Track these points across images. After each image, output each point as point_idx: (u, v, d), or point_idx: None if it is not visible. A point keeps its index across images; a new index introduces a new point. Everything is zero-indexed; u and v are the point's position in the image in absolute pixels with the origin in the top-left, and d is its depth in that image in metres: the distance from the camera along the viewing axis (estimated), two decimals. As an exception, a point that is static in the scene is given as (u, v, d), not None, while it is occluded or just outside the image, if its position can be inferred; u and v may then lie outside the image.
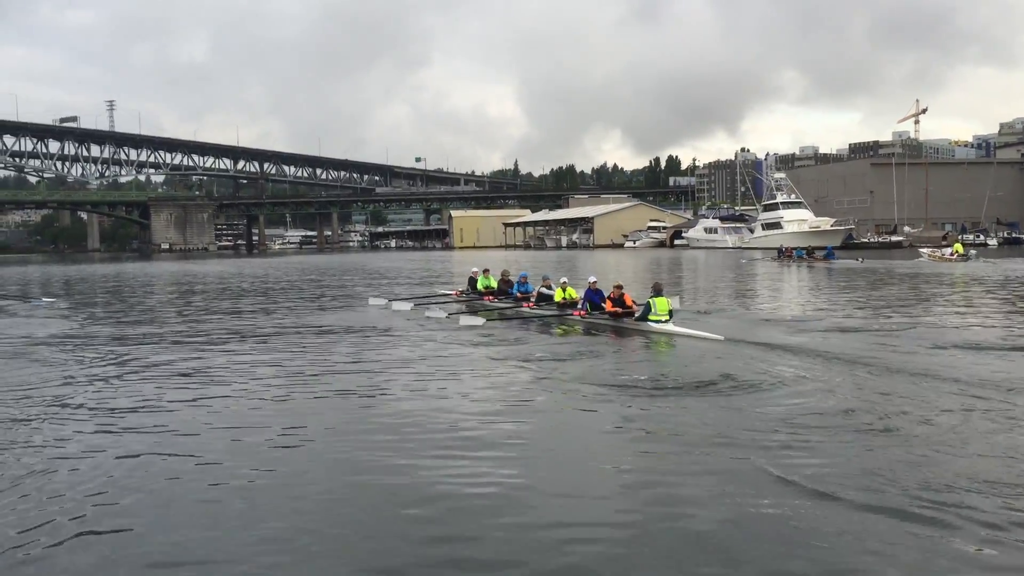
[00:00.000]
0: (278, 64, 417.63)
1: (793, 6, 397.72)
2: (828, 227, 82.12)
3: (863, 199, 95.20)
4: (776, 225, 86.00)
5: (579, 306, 18.40)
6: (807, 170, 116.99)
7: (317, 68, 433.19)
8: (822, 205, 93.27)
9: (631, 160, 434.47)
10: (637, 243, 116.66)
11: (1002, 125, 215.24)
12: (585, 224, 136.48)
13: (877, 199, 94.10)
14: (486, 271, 23.77)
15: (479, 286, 23.18)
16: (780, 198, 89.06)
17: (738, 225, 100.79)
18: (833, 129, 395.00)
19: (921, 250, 58.27)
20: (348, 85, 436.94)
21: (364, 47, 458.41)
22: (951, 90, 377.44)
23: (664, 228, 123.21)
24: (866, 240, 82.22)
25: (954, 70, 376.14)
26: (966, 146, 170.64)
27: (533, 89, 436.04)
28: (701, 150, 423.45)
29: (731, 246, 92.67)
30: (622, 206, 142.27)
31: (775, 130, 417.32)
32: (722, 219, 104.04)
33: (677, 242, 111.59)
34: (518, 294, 21.38)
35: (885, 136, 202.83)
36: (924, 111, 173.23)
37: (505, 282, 22.62)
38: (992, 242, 79.05)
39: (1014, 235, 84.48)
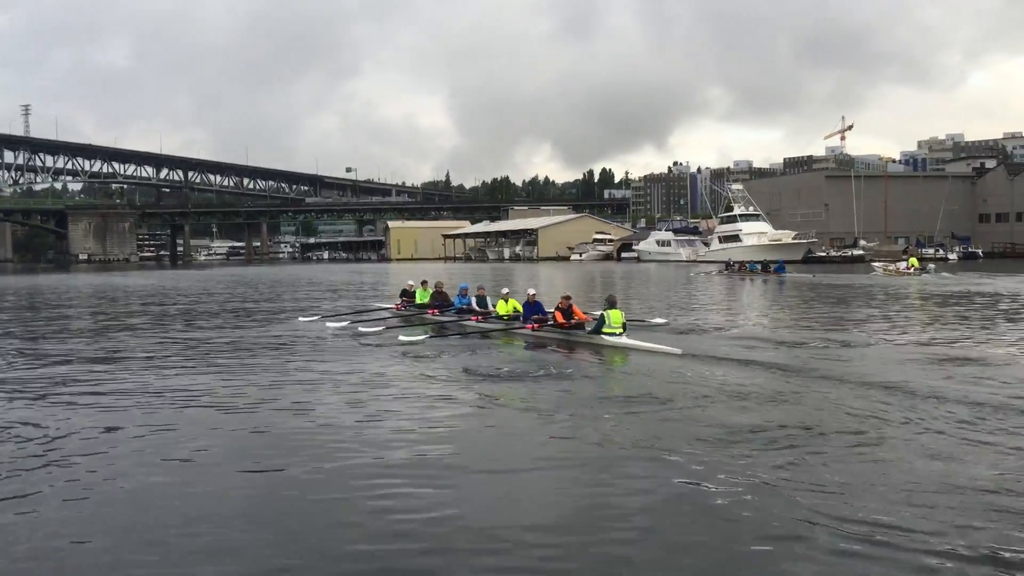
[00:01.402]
0: (203, 72, 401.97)
1: (720, 24, 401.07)
2: (789, 240, 79.56)
3: (817, 212, 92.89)
4: (735, 238, 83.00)
5: (521, 319, 17.37)
6: (758, 182, 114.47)
7: (244, 76, 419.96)
8: (774, 218, 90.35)
9: (561, 173, 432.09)
10: (584, 256, 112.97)
11: (920, 142, 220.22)
12: (529, 236, 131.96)
13: (832, 212, 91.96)
14: (424, 283, 22.33)
15: (418, 299, 21.80)
16: (738, 210, 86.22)
17: (692, 238, 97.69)
18: (757, 145, 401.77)
19: (874, 264, 56.37)
20: (276, 94, 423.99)
21: (293, 56, 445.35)
22: (871, 108, 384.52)
23: (610, 241, 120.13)
24: (824, 254, 79.77)
25: (874, 89, 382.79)
26: (895, 162, 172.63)
27: (464, 101, 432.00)
28: (630, 164, 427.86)
29: (685, 259, 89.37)
30: (566, 218, 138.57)
31: (702, 145, 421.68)
32: (675, 232, 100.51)
33: (626, 255, 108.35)
34: (464, 306, 19.89)
35: (809, 152, 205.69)
36: (850, 127, 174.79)
37: (440, 294, 21.29)
38: (953, 256, 77.53)
39: (970, 250, 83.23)
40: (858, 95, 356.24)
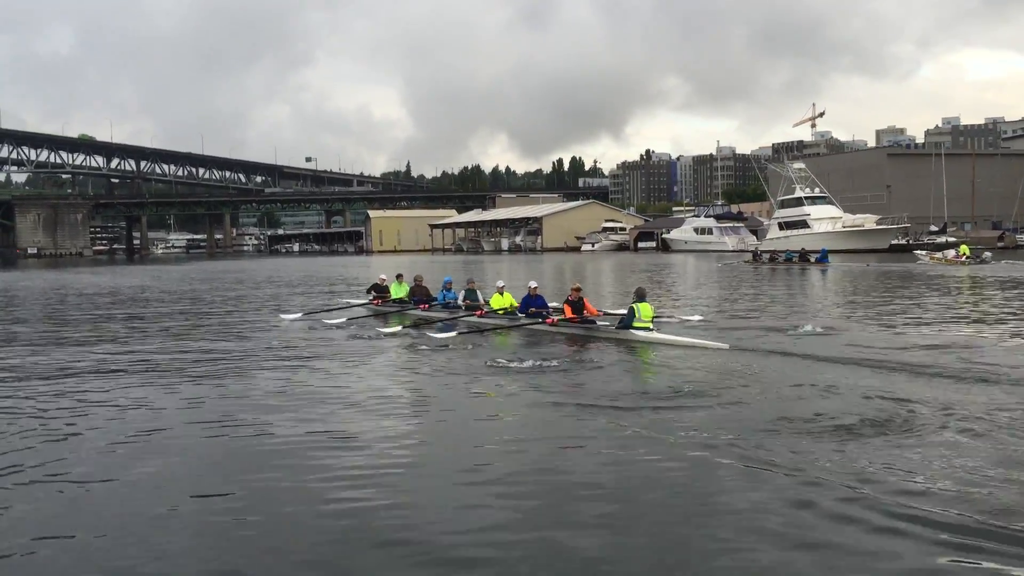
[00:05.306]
0: (152, 60, 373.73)
1: (675, 14, 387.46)
2: (872, 226, 66.58)
3: (877, 195, 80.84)
4: (800, 224, 69.71)
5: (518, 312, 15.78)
6: (807, 161, 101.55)
7: (193, 65, 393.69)
8: (823, 202, 77.65)
9: (519, 163, 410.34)
10: (596, 246, 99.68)
11: (878, 132, 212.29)
12: (530, 225, 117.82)
13: (896, 195, 79.89)
14: (399, 277, 20.00)
15: (394, 294, 19.26)
16: (802, 192, 73.16)
17: (737, 224, 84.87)
18: (711, 135, 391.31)
19: (919, 252, 46.45)
20: (227, 83, 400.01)
21: (243, 44, 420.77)
22: (825, 98, 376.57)
23: (621, 229, 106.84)
24: (908, 242, 66.65)
25: (827, 79, 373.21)
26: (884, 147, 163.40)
27: (418, 91, 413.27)
28: (587, 153, 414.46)
29: (732, 249, 76.45)
30: (571, 205, 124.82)
31: (658, 136, 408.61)
32: (718, 218, 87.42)
33: (643, 244, 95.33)
34: (449, 301, 17.54)
35: (763, 141, 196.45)
36: (822, 114, 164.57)
37: (419, 288, 18.62)
38: (1055, 243, 66.26)
39: (1063, 236, 71.97)
40: (812, 84, 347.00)
